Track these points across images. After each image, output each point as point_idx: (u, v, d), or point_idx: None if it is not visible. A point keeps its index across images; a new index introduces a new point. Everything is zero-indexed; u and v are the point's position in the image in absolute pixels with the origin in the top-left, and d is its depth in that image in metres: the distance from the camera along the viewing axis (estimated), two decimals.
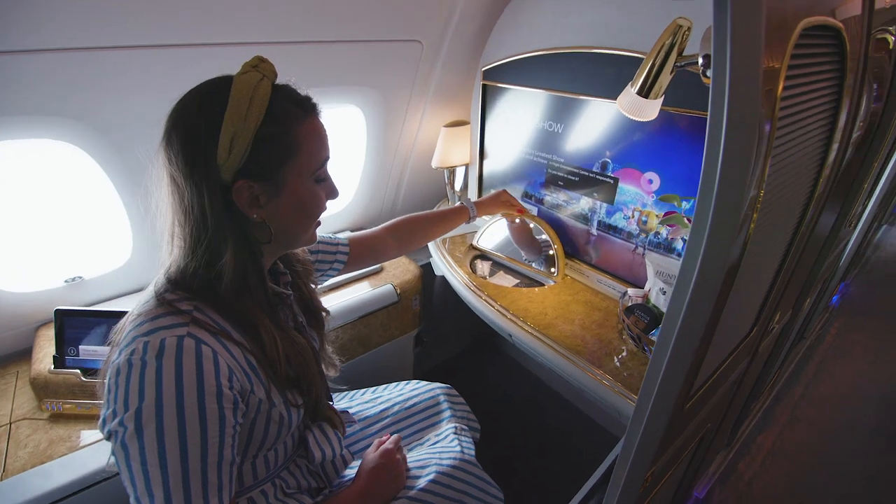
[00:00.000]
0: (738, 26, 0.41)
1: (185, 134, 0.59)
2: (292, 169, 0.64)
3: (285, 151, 0.63)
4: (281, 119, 0.62)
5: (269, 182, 0.63)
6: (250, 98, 0.58)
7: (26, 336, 1.18)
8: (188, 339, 0.58)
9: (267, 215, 0.65)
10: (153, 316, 0.59)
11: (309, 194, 0.68)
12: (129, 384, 0.55)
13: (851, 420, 1.97)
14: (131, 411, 0.54)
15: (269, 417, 0.67)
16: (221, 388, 0.58)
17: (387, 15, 1.26)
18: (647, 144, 1.09)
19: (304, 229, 0.71)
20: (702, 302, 0.53)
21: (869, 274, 3.28)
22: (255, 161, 0.60)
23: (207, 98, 0.60)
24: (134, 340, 0.57)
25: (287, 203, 0.66)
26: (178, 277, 0.63)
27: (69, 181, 1.14)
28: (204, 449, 0.57)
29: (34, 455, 0.93)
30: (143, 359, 0.55)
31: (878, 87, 1.03)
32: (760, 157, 0.48)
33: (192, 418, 0.56)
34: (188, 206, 0.60)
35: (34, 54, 0.87)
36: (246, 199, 0.62)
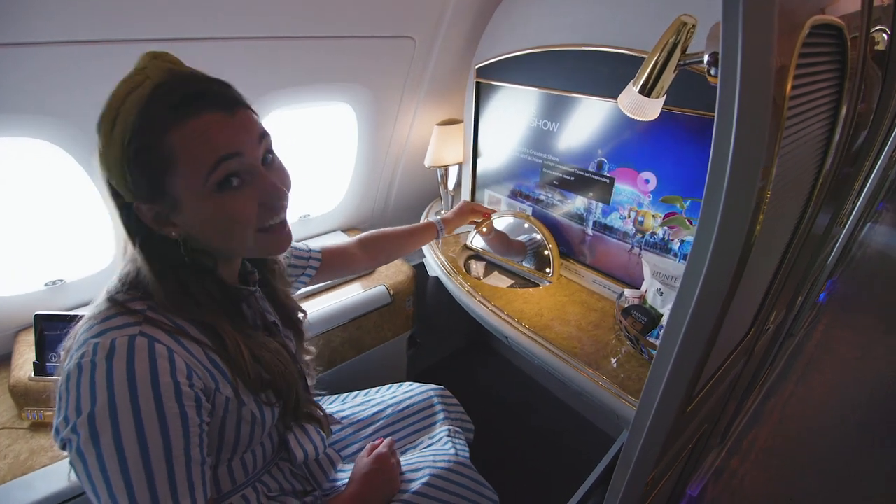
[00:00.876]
0: (749, 24, 0.39)
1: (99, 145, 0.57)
2: (178, 182, 0.55)
3: (160, 164, 0.54)
4: (150, 128, 0.53)
5: (161, 200, 0.57)
6: (116, 112, 0.54)
7: (5, 342, 1.13)
8: (140, 337, 0.55)
9: (184, 231, 0.60)
10: (104, 317, 0.57)
11: (212, 206, 0.58)
12: (79, 388, 0.52)
13: (840, 416, 2.00)
14: (83, 416, 0.51)
15: (240, 417, 0.65)
16: (179, 385, 0.56)
17: (378, 10, 1.23)
18: (644, 144, 1.09)
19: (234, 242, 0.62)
20: (708, 307, 0.52)
21: (855, 271, 3.34)
22: (136, 181, 0.55)
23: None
24: (84, 343, 0.55)
25: (194, 217, 0.59)
26: (131, 278, 0.61)
27: (49, 181, 1.10)
28: (167, 450, 0.54)
29: (14, 466, 0.90)
30: (92, 360, 0.53)
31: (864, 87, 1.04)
32: (769, 158, 0.46)
33: (149, 419, 0.53)
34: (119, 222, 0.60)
35: (10, 48, 0.83)
36: (151, 219, 0.59)
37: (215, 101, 0.57)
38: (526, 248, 1.43)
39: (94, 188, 1.10)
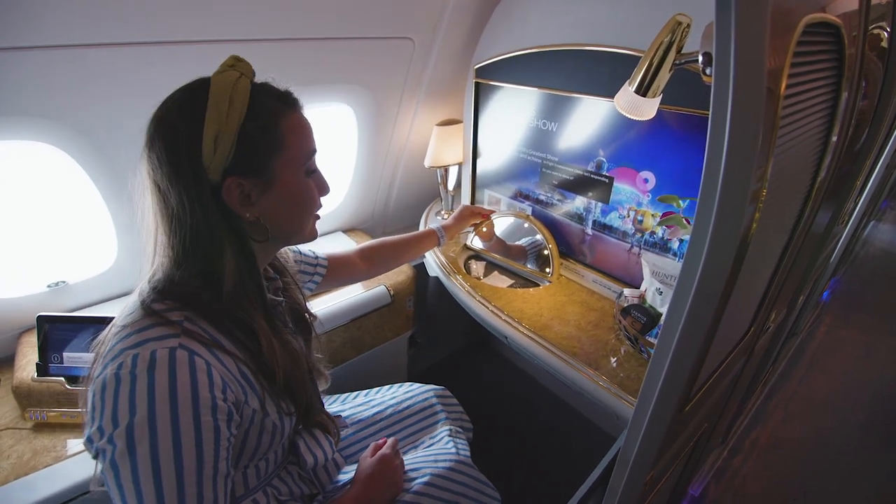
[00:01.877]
0: (742, 23, 0.39)
1: (167, 138, 0.58)
2: (281, 162, 0.64)
3: (272, 145, 0.62)
4: (263, 114, 0.61)
5: (259, 178, 0.62)
6: (230, 95, 0.58)
7: (8, 343, 1.14)
8: (180, 350, 0.55)
9: (261, 213, 0.64)
10: (141, 327, 0.57)
11: (302, 187, 0.68)
12: (117, 399, 0.52)
13: (843, 415, 1.99)
14: (121, 427, 0.52)
15: (263, 427, 0.66)
16: (216, 400, 0.56)
17: (377, 11, 1.23)
18: (643, 143, 1.08)
19: (301, 224, 0.71)
20: (704, 306, 0.52)
21: (858, 269, 3.32)
22: (241, 157, 0.60)
23: (187, 100, 0.59)
24: (121, 353, 0.54)
25: (280, 198, 0.65)
26: (166, 286, 0.61)
27: (51, 183, 1.11)
28: (200, 463, 0.55)
29: (17, 466, 0.90)
30: (132, 372, 0.53)
31: (866, 84, 1.03)
32: (764, 157, 0.46)
33: (187, 433, 0.53)
34: (176, 211, 0.59)
35: (11, 52, 0.84)
36: (237, 197, 0.61)
37: (297, 102, 0.68)
38: (526, 252, 1.43)
39: (96, 190, 1.11)
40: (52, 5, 0.82)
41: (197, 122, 0.57)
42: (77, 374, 1.01)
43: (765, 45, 0.41)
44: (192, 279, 0.61)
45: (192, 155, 0.58)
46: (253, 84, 0.62)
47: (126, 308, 0.61)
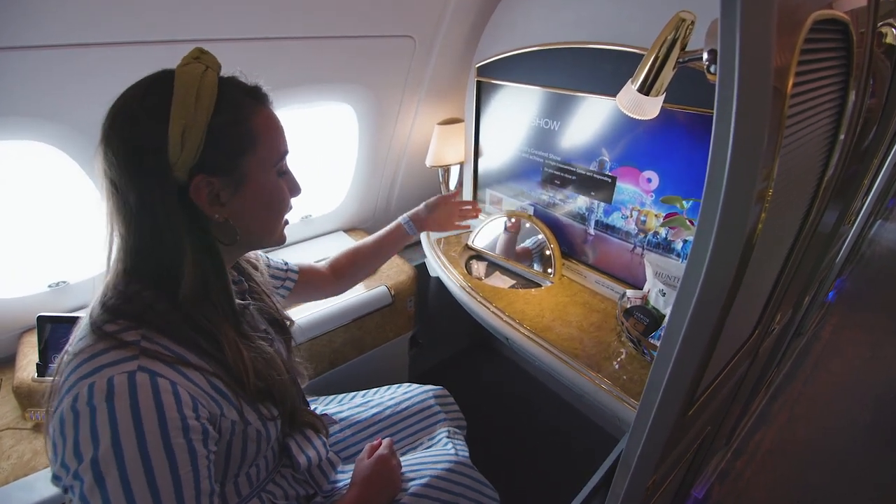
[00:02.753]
0: (748, 20, 0.38)
1: (128, 132, 0.54)
2: (253, 161, 0.60)
3: (243, 142, 0.59)
4: (233, 109, 0.58)
5: (230, 176, 0.59)
6: (197, 88, 0.54)
7: (9, 343, 1.14)
8: (140, 373, 0.51)
9: (230, 214, 0.61)
10: (93, 353, 0.52)
11: (274, 187, 0.64)
12: (77, 433, 0.49)
13: (848, 417, 1.97)
14: (86, 462, 0.48)
15: (246, 436, 0.63)
16: (186, 420, 0.53)
17: (377, 9, 1.22)
18: (646, 142, 1.07)
19: (272, 226, 0.68)
20: (707, 309, 0.51)
21: (864, 269, 3.29)
22: (211, 154, 0.56)
23: (150, 92, 0.55)
24: (76, 384, 0.50)
25: (251, 198, 0.62)
26: (117, 303, 0.56)
27: (51, 183, 1.11)
28: (177, 487, 0.51)
29: (17, 466, 0.90)
30: (90, 403, 0.49)
31: (874, 81, 1.02)
32: (770, 156, 0.45)
33: (158, 459, 0.50)
34: (133, 211, 0.55)
35: (8, 52, 0.83)
36: (205, 196, 0.58)
37: (267, 97, 0.64)
38: (531, 254, 1.42)
39: (96, 189, 1.11)
40: (50, 4, 0.82)
41: (161, 117, 0.53)
42: None
43: (771, 42, 0.40)
44: (144, 291, 0.57)
45: (156, 151, 0.53)
46: (220, 78, 0.58)
47: (77, 333, 0.57)
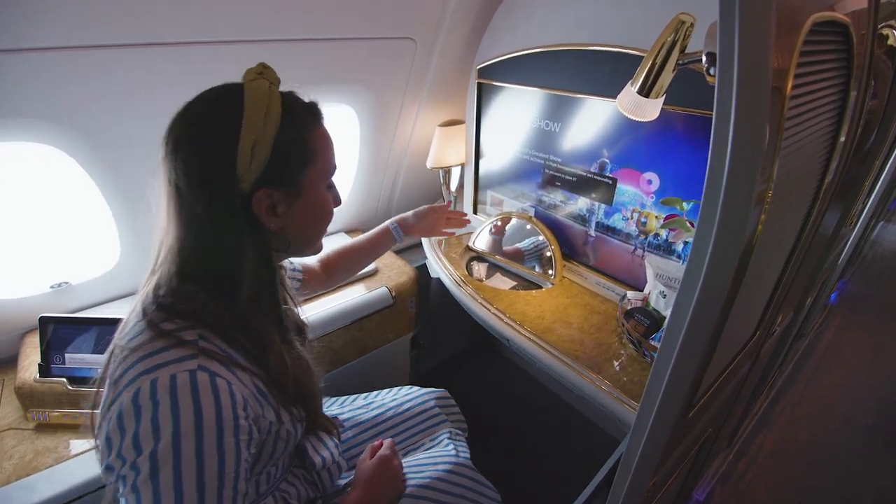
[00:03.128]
0: (746, 21, 0.38)
1: (199, 143, 0.57)
2: (310, 175, 0.64)
3: (303, 157, 0.62)
4: (296, 125, 0.61)
5: (288, 189, 0.62)
6: (267, 105, 0.57)
7: (11, 344, 1.15)
8: (200, 372, 0.53)
9: (284, 224, 0.64)
10: (153, 350, 0.54)
11: (324, 200, 0.68)
12: (138, 427, 0.51)
13: (850, 419, 1.96)
14: (145, 454, 0.50)
15: (278, 436, 0.65)
16: (238, 420, 0.55)
17: (378, 11, 1.23)
18: (647, 144, 1.07)
19: (317, 237, 0.73)
20: (707, 310, 0.51)
21: (866, 271, 3.28)
22: (274, 168, 0.59)
23: (221, 105, 0.58)
24: (137, 378, 0.52)
25: (304, 210, 0.65)
26: (171, 302, 0.58)
27: (53, 184, 1.11)
28: (220, 485, 0.53)
29: (19, 466, 0.91)
30: (153, 398, 0.51)
31: (875, 83, 1.02)
32: (769, 158, 0.45)
33: (210, 456, 0.52)
34: (198, 218, 0.57)
35: (11, 54, 0.84)
36: (265, 208, 0.61)
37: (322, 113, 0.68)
38: (523, 254, 1.42)
39: (98, 191, 1.11)
40: (51, 7, 0.82)
41: (233, 129, 0.56)
42: (79, 374, 1.01)
43: (769, 43, 0.40)
44: (198, 293, 0.59)
45: (225, 164, 0.56)
46: (281, 93, 0.61)
47: (130, 329, 0.58)
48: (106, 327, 1.01)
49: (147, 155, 1.10)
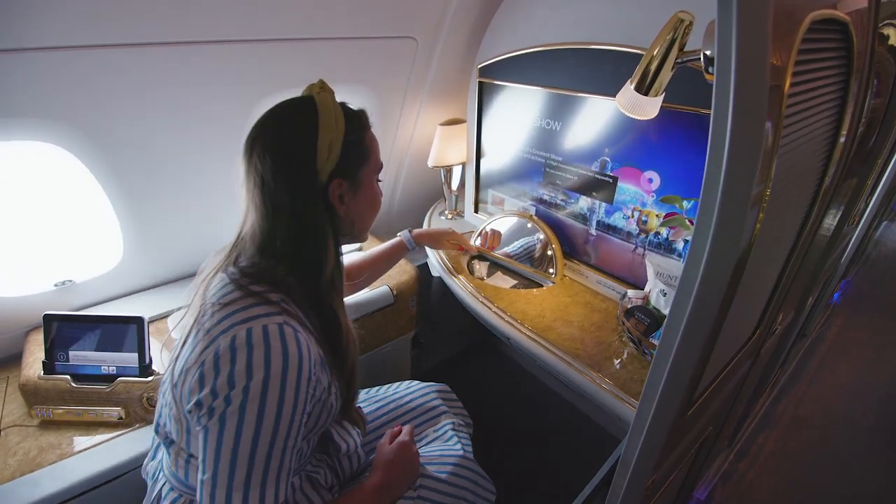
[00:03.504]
0: (744, 20, 0.38)
1: (284, 143, 0.67)
2: (367, 170, 0.75)
3: (363, 154, 0.74)
4: (355, 128, 0.73)
5: (352, 180, 0.73)
6: (335, 112, 0.69)
7: (16, 341, 1.16)
8: (286, 326, 0.62)
9: (348, 211, 0.75)
10: (245, 305, 0.63)
11: (377, 191, 0.80)
12: (234, 366, 0.58)
13: (853, 419, 1.96)
14: (238, 389, 0.58)
15: (323, 406, 0.72)
16: (311, 374, 0.64)
17: (379, 11, 1.23)
18: (647, 143, 1.07)
19: (370, 223, 0.83)
20: (705, 307, 0.51)
21: (870, 270, 3.27)
22: (343, 163, 0.70)
23: (300, 113, 0.69)
24: (231, 328, 0.61)
25: (362, 199, 0.76)
26: (257, 271, 0.68)
27: (57, 183, 1.12)
28: (288, 431, 0.61)
29: (24, 463, 0.92)
30: (248, 343, 0.59)
31: (878, 82, 1.01)
32: (767, 156, 0.46)
33: (289, 401, 0.60)
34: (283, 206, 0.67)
35: (16, 54, 0.85)
36: (336, 196, 0.71)
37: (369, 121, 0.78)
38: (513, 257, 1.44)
39: (102, 190, 1.12)
40: (55, 7, 0.83)
41: (312, 131, 0.67)
42: (83, 372, 1.02)
43: (767, 41, 0.40)
44: (277, 267, 0.68)
45: (307, 159, 0.67)
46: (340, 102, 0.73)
47: (218, 290, 0.67)
48: (109, 325, 1.02)
49: (150, 155, 1.13)
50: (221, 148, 1.22)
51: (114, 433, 1.00)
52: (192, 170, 1.22)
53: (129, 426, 1.02)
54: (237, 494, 0.59)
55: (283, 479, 0.63)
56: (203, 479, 0.60)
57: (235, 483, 0.59)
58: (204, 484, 0.60)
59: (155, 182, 1.17)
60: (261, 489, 0.60)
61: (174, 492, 0.74)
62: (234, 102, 1.17)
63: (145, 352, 1.02)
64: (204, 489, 0.60)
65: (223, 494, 0.59)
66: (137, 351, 1.02)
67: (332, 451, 0.84)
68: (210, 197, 1.29)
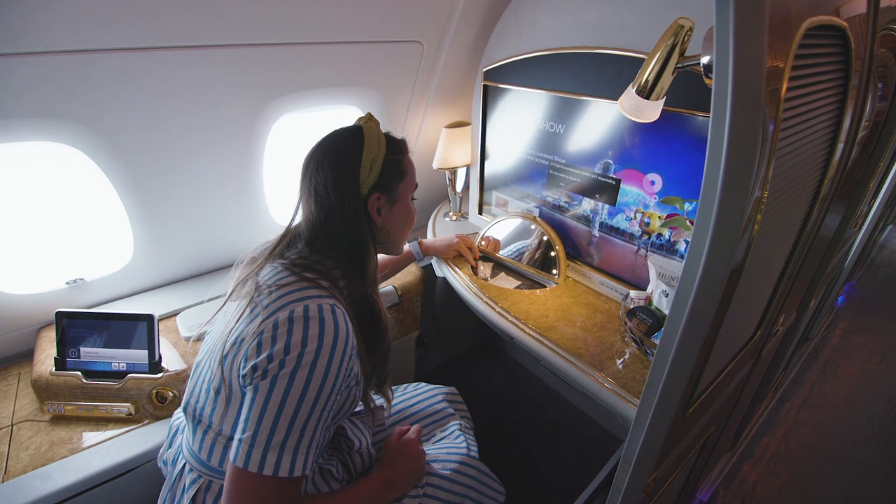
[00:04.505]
0: (740, 26, 0.40)
1: (336, 161, 0.79)
2: (403, 187, 0.86)
3: (400, 173, 0.85)
4: (395, 151, 0.84)
5: (389, 195, 0.84)
6: (377, 136, 0.81)
7: (28, 338, 1.18)
8: (336, 307, 0.70)
9: (385, 222, 0.86)
10: (299, 287, 0.71)
11: (411, 207, 0.90)
12: (290, 336, 0.65)
13: (856, 422, 1.95)
14: (293, 354, 0.64)
15: (350, 393, 0.78)
16: (353, 353, 0.71)
17: (387, 16, 1.25)
18: (650, 145, 1.09)
19: (404, 237, 0.93)
20: (705, 306, 0.52)
21: (874, 274, 3.25)
22: (382, 179, 0.81)
23: (350, 138, 0.80)
24: (287, 305, 0.68)
25: (398, 214, 0.87)
26: (308, 263, 0.76)
27: (70, 183, 1.14)
28: (326, 402, 0.67)
29: (35, 457, 0.93)
30: (305, 316, 0.67)
31: (882, 86, 1.02)
32: (764, 158, 0.47)
33: (332, 372, 0.67)
34: (333, 212, 0.77)
35: (36, 57, 0.87)
36: (375, 207, 0.82)
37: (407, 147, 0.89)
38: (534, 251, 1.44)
39: (114, 191, 1.14)
40: (75, 11, 0.85)
41: (358, 152, 0.79)
42: (94, 368, 1.04)
43: (763, 46, 0.42)
44: (325, 260, 0.77)
45: (352, 175, 0.78)
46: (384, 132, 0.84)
47: (273, 274, 0.75)
48: (120, 322, 1.04)
49: (161, 156, 1.15)
50: (231, 149, 1.24)
51: (123, 429, 1.02)
52: (202, 170, 1.24)
53: (138, 422, 1.04)
54: (272, 455, 0.64)
55: (312, 451, 0.67)
56: (242, 438, 0.65)
57: (273, 444, 0.64)
58: (242, 442, 0.64)
59: (165, 183, 1.20)
60: (293, 454, 0.65)
61: (193, 472, 0.77)
62: (244, 104, 1.19)
63: (155, 349, 1.04)
64: (241, 448, 0.64)
65: (259, 454, 0.64)
66: (147, 348, 1.04)
67: (345, 446, 0.88)
68: (219, 197, 1.31)
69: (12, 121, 0.93)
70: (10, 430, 0.99)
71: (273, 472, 0.64)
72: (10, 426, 0.99)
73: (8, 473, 0.90)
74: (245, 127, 1.23)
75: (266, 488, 0.65)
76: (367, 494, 0.79)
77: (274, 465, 0.64)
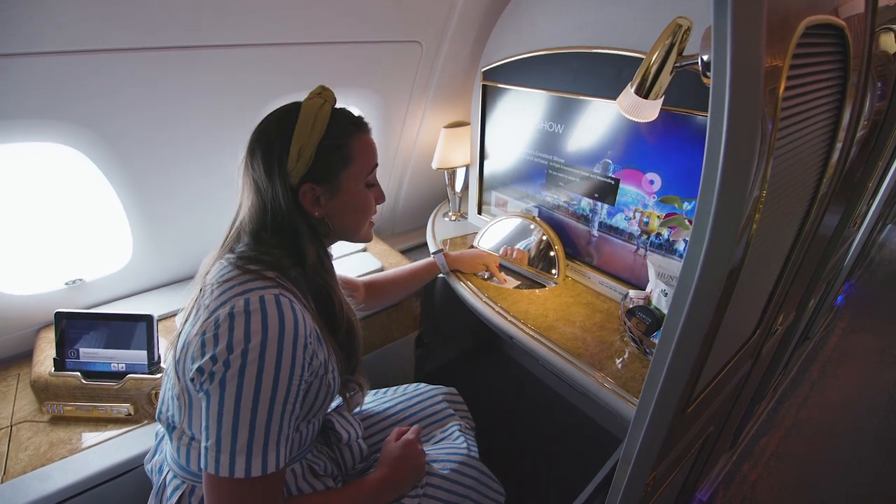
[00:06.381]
0: (738, 26, 0.40)
1: (264, 147, 0.73)
2: (348, 174, 0.77)
3: (342, 160, 0.76)
4: (339, 134, 0.75)
5: (329, 185, 0.76)
6: (314, 117, 0.72)
7: (27, 338, 1.18)
8: (282, 297, 0.66)
9: (326, 213, 0.78)
10: (242, 280, 0.67)
11: (361, 196, 0.81)
12: (232, 332, 0.62)
13: (856, 422, 1.95)
14: (237, 352, 0.61)
15: (321, 382, 0.74)
16: (308, 341, 0.67)
17: (385, 16, 1.25)
18: (649, 145, 1.09)
19: (358, 226, 0.85)
20: (703, 305, 0.53)
21: (873, 274, 3.26)
22: (316, 168, 0.74)
23: (282, 119, 0.73)
24: (231, 299, 0.64)
25: (343, 203, 0.79)
26: (253, 254, 0.72)
27: (69, 184, 1.14)
28: (286, 395, 0.64)
29: (34, 458, 0.93)
30: (246, 310, 0.63)
31: (882, 85, 1.02)
32: (762, 157, 0.47)
33: (286, 364, 0.63)
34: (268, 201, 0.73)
35: (35, 57, 0.87)
36: (309, 199, 0.75)
37: (367, 125, 0.81)
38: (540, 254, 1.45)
39: (113, 191, 1.14)
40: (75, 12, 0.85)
41: (286, 138, 0.71)
42: (93, 369, 1.04)
43: (761, 46, 0.42)
44: (272, 250, 0.73)
45: (281, 163, 0.72)
46: (333, 109, 0.75)
47: (217, 272, 0.72)
48: (119, 323, 1.04)
49: (160, 157, 1.15)
50: (230, 150, 1.24)
51: (122, 429, 1.01)
52: (202, 171, 1.24)
53: (137, 422, 1.03)
54: (240, 458, 0.62)
55: (282, 445, 0.65)
56: (207, 446, 0.62)
57: (238, 447, 0.61)
58: (208, 450, 0.62)
59: (165, 183, 1.20)
60: (263, 453, 0.63)
61: (177, 479, 0.76)
62: (243, 105, 1.19)
63: (154, 349, 1.04)
64: (209, 456, 0.62)
65: (227, 458, 0.61)
66: (146, 348, 1.04)
67: (334, 440, 0.86)
68: (219, 198, 1.31)
69: (12, 121, 0.93)
70: (9, 430, 0.99)
71: (245, 473, 0.62)
72: (9, 427, 0.99)
73: (7, 474, 0.89)
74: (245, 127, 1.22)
75: (243, 491, 0.63)
76: (367, 494, 0.79)
77: (244, 467, 0.62)
